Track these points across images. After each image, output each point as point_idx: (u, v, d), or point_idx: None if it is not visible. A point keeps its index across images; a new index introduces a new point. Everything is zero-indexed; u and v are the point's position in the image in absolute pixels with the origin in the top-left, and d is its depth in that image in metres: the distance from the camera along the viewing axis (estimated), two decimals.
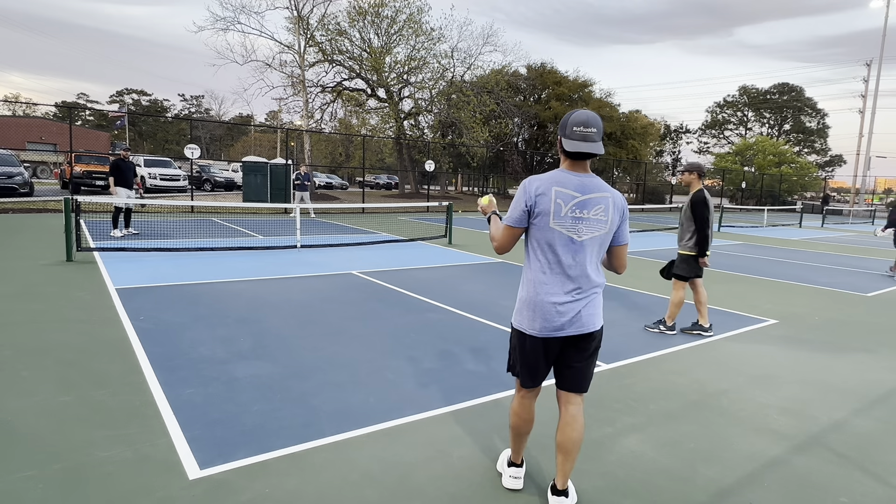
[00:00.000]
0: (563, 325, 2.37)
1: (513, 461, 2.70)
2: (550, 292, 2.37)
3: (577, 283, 2.38)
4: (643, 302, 7.04)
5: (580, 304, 2.39)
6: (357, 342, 4.84)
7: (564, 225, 2.34)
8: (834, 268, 11.08)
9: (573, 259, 2.36)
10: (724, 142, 61.76)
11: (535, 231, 2.39)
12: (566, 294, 2.37)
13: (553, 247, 2.37)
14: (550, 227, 2.35)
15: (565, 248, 2.36)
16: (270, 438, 3.05)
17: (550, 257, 2.37)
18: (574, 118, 2.34)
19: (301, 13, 25.51)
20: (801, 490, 2.79)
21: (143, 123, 69.09)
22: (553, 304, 2.36)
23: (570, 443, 2.45)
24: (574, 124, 2.32)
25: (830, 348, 5.34)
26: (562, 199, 2.33)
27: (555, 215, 2.34)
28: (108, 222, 11.61)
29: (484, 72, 31.49)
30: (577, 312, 2.38)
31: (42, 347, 4.35)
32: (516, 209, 2.39)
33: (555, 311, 2.36)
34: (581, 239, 2.36)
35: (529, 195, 2.36)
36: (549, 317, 2.37)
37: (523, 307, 2.44)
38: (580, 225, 2.35)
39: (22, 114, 57.90)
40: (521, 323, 2.45)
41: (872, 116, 37.92)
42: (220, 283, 7.07)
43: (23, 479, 2.56)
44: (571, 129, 2.33)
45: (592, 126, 2.32)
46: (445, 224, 12.58)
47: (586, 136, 2.31)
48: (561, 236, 2.35)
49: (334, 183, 40.91)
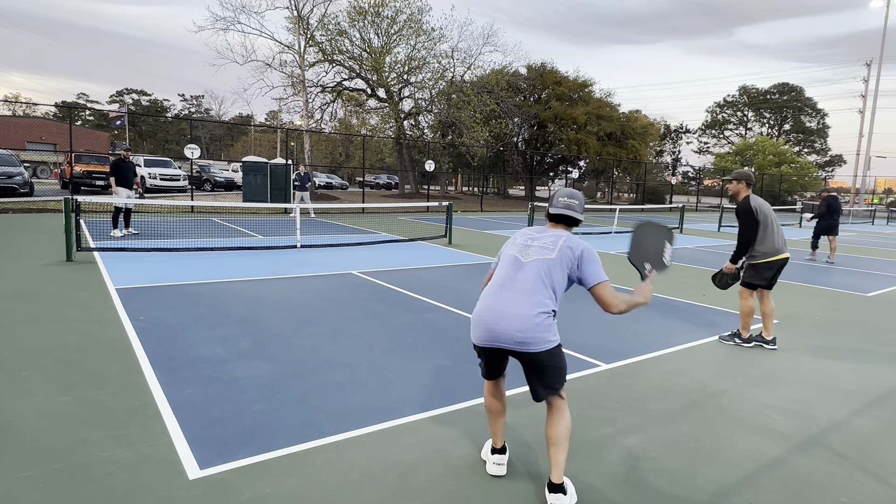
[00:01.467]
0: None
1: (494, 447, 2.81)
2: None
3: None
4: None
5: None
6: (357, 342, 4.84)
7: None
8: (834, 268, 11.08)
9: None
10: (724, 142, 61.78)
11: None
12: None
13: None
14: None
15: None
16: (270, 438, 3.05)
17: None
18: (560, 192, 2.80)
19: (301, 13, 25.52)
20: (801, 490, 2.79)
21: (143, 123, 69.11)
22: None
23: (556, 434, 2.56)
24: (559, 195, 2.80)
25: (830, 348, 5.34)
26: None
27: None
28: (108, 222, 11.62)
29: (484, 72, 31.49)
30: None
31: (42, 347, 4.35)
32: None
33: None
34: (525, 260, 2.62)
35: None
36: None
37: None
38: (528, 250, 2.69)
39: (22, 114, 57.93)
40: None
41: (872, 116, 37.96)
42: (220, 283, 7.07)
43: (23, 479, 2.56)
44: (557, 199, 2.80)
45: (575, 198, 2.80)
46: (445, 224, 12.58)
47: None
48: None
49: (334, 183, 40.91)
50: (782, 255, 5.09)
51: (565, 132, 35.30)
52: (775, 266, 5.12)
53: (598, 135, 35.19)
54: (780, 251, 5.08)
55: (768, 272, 5.14)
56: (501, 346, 2.49)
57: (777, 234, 5.10)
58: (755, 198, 5.14)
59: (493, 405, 2.79)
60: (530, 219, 14.06)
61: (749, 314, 5.20)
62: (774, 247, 5.06)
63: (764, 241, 5.08)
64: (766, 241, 5.08)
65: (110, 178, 11.00)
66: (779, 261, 5.10)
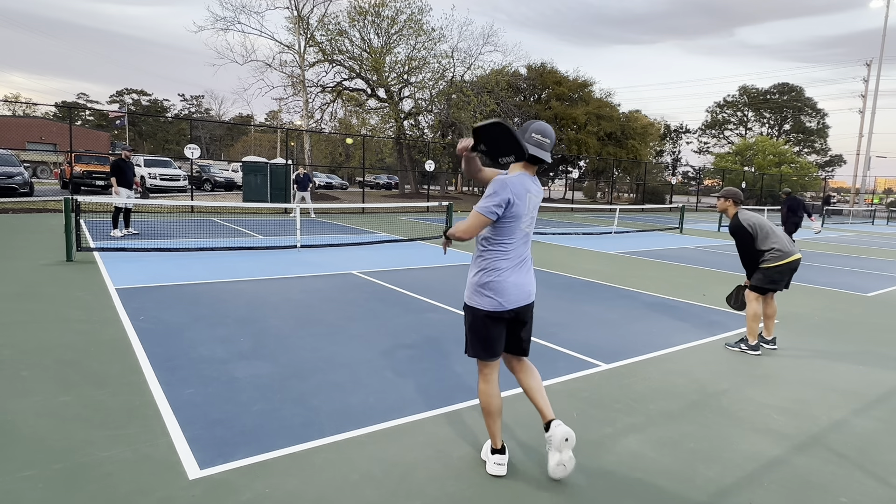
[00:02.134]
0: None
1: (494, 447, 2.83)
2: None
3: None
4: (644, 302, 7.04)
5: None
6: (357, 342, 4.84)
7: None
8: (834, 268, 11.08)
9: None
10: (724, 142, 61.82)
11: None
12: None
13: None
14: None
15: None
16: (270, 438, 3.05)
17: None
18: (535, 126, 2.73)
19: (301, 13, 25.53)
20: (801, 490, 2.79)
21: (143, 123, 69.11)
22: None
23: (538, 381, 2.92)
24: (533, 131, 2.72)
25: (830, 348, 5.34)
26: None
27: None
28: (108, 222, 11.62)
29: (484, 72, 31.48)
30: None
31: (42, 347, 4.35)
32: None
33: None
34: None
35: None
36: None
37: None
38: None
39: (22, 114, 57.93)
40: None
41: (872, 116, 37.96)
42: (220, 283, 7.07)
43: (23, 479, 2.56)
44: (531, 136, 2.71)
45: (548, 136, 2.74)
46: (445, 224, 12.57)
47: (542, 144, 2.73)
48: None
49: (334, 183, 40.91)
50: (793, 256, 4.97)
51: (565, 132, 35.30)
52: (786, 269, 4.99)
53: (598, 135, 35.21)
54: (791, 252, 4.97)
55: (778, 276, 5.02)
56: (525, 303, 2.80)
57: (782, 235, 5.02)
58: (744, 213, 5.08)
59: (494, 403, 2.77)
60: None
61: (755, 319, 5.07)
62: (784, 248, 4.95)
63: (770, 243, 4.97)
64: (772, 242, 4.97)
65: (111, 178, 11.00)
66: (789, 263, 4.98)
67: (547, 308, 6.43)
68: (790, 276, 5.08)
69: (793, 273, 5.08)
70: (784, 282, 5.07)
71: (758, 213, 5.17)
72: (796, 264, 5.03)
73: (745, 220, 5.04)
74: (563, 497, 2.63)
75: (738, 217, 5.07)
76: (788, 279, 5.08)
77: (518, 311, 2.77)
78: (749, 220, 5.05)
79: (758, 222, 5.04)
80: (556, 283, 8.10)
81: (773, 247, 4.96)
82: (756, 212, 5.34)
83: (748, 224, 5.02)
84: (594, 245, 13.35)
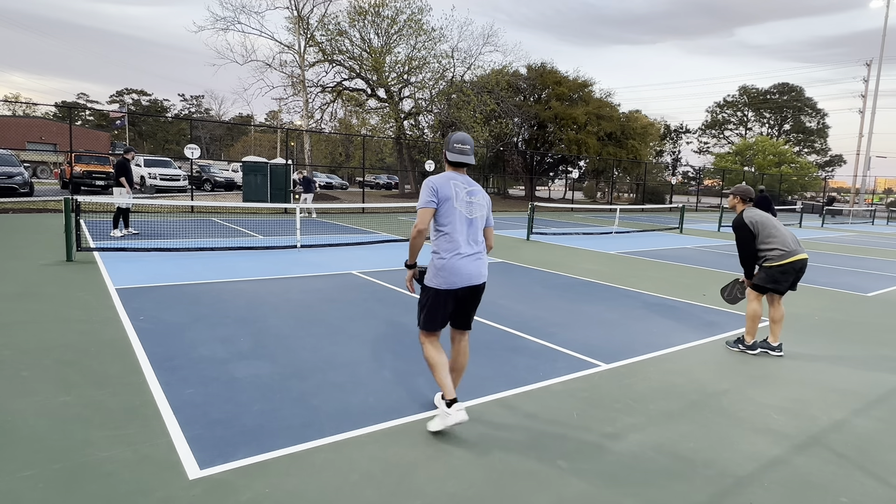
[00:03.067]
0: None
1: (449, 399, 3.16)
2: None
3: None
4: (644, 302, 7.04)
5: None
6: (357, 342, 4.84)
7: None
8: (834, 268, 11.08)
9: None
10: (724, 142, 61.79)
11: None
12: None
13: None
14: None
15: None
16: (270, 438, 3.05)
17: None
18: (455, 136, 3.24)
19: (301, 13, 25.54)
20: (801, 490, 2.79)
21: (143, 123, 69.10)
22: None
23: (466, 364, 3.46)
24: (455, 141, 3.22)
25: (830, 348, 5.34)
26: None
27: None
28: (108, 222, 11.61)
29: (484, 72, 31.47)
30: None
31: (42, 347, 4.35)
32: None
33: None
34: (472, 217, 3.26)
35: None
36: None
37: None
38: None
39: (22, 114, 57.92)
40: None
41: (872, 116, 37.93)
42: (220, 283, 7.07)
43: (23, 479, 2.56)
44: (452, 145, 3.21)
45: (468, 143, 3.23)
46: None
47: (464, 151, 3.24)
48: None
49: (334, 183, 40.92)
50: (796, 256, 4.86)
51: (565, 132, 35.29)
52: (789, 270, 4.87)
53: (598, 135, 35.19)
54: (795, 252, 4.86)
55: (780, 276, 4.90)
56: (473, 283, 3.22)
57: (786, 233, 4.94)
58: (750, 210, 5.05)
59: (440, 360, 3.22)
60: (530, 218, 14.06)
61: (754, 318, 5.00)
62: (787, 247, 4.86)
63: (772, 242, 4.89)
64: (774, 241, 4.89)
65: (121, 178, 10.90)
66: (793, 263, 4.86)
67: (547, 308, 6.43)
68: (795, 278, 4.95)
69: (798, 274, 4.95)
70: (787, 283, 4.95)
71: (763, 212, 5.14)
72: (801, 265, 4.91)
73: (748, 217, 5.01)
74: (563, 497, 2.63)
75: (742, 214, 5.06)
76: (794, 280, 4.96)
77: (466, 290, 3.21)
78: (752, 217, 5.01)
79: (761, 220, 4.99)
80: (556, 283, 8.10)
81: (774, 246, 4.90)
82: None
83: (750, 221, 4.99)
84: (594, 245, 13.35)
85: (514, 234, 15.25)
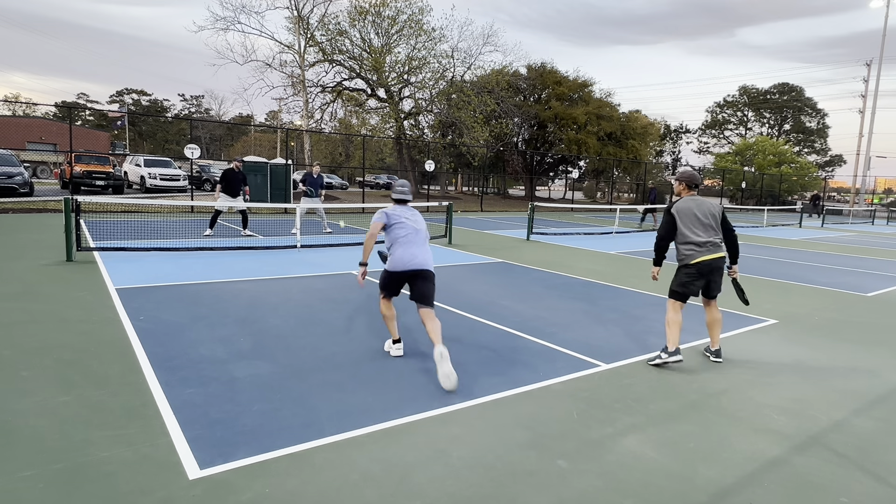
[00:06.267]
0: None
1: (395, 339, 4.56)
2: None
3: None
4: (644, 302, 7.04)
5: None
6: (357, 342, 4.84)
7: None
8: (834, 268, 11.08)
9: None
10: (724, 142, 61.77)
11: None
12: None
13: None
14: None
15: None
16: (270, 438, 3.05)
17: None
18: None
19: (301, 13, 25.54)
20: (801, 490, 2.79)
21: (143, 123, 69.09)
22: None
23: (438, 328, 4.16)
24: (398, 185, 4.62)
25: (830, 348, 5.34)
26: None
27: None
28: (108, 222, 11.59)
29: (484, 72, 31.51)
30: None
31: (42, 347, 4.35)
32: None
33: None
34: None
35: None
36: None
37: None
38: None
39: (22, 114, 57.90)
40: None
41: (872, 116, 37.94)
42: (220, 283, 7.07)
43: (23, 479, 2.56)
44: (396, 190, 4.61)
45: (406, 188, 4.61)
46: (445, 224, 12.58)
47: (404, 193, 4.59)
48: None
49: (334, 183, 40.92)
50: (700, 258, 4.50)
51: (565, 132, 35.30)
52: (694, 273, 4.54)
53: (598, 135, 35.19)
54: (699, 254, 4.50)
55: (686, 278, 4.58)
56: (418, 269, 4.28)
57: (702, 234, 4.54)
58: (685, 199, 4.71)
59: (390, 312, 4.51)
60: (530, 218, 14.06)
61: (669, 324, 4.60)
62: (696, 248, 4.50)
63: (683, 237, 4.58)
64: (685, 238, 4.57)
65: (218, 185, 11.39)
66: (697, 265, 4.51)
67: (547, 308, 6.43)
68: (705, 282, 4.59)
69: (707, 277, 4.57)
70: (696, 286, 4.57)
71: (713, 203, 4.77)
72: (707, 268, 4.51)
73: (676, 204, 4.70)
74: (563, 497, 2.63)
75: (677, 201, 4.77)
76: (705, 284, 4.61)
77: (411, 272, 4.29)
78: (679, 206, 4.67)
79: (684, 211, 4.62)
80: (556, 283, 8.10)
81: (685, 242, 4.58)
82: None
83: (675, 210, 4.66)
84: (594, 245, 13.35)
85: (514, 234, 15.25)
